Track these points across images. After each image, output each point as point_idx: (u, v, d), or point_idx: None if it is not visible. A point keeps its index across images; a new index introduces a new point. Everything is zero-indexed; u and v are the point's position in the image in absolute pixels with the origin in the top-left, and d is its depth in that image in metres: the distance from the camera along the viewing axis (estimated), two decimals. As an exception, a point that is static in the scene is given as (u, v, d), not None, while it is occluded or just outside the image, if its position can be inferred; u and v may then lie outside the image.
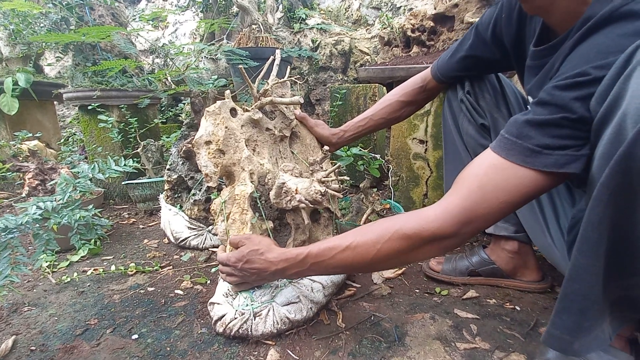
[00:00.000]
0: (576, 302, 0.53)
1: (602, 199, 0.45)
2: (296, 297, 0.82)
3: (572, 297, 0.53)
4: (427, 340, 0.78)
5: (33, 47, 2.27)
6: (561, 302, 0.55)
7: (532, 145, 0.53)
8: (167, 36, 3.74)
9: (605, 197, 0.45)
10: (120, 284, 1.08)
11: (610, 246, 0.47)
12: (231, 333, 0.78)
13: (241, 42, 2.00)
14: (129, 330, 0.85)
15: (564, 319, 0.55)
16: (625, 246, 0.47)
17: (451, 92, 1.01)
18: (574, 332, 0.54)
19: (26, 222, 0.65)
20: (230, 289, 0.84)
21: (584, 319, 0.53)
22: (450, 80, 0.98)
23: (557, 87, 0.52)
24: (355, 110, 1.83)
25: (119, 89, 1.84)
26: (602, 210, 0.46)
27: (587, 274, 0.51)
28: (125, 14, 2.08)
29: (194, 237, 1.33)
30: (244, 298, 0.82)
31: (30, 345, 0.81)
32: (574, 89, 0.50)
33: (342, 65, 2.67)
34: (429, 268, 1.07)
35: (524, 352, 0.73)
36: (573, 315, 0.53)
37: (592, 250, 0.49)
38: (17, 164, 1.44)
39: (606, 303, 0.52)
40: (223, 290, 0.86)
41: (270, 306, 0.80)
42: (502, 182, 0.55)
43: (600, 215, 0.47)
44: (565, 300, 0.54)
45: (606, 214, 0.46)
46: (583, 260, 0.50)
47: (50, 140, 2.48)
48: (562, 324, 0.55)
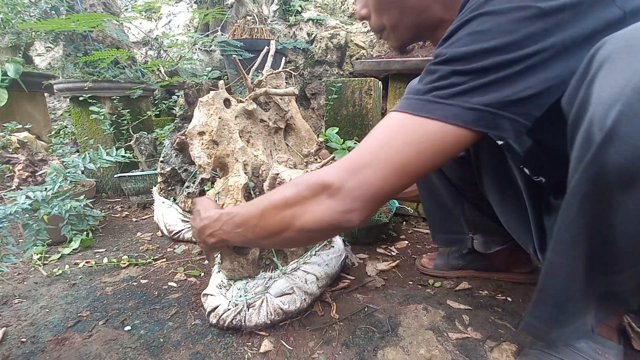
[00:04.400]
0: (552, 297, 0.54)
1: (573, 203, 0.45)
2: (290, 289, 0.82)
3: (548, 291, 0.54)
4: (420, 330, 0.79)
5: (22, 36, 2.22)
6: (538, 295, 0.56)
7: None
8: (160, 28, 3.68)
9: (577, 201, 0.45)
10: (113, 277, 1.07)
11: (589, 246, 0.47)
12: (224, 324, 0.78)
13: (236, 33, 1.97)
14: (122, 322, 0.85)
15: (540, 310, 0.56)
16: (605, 246, 0.47)
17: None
18: (550, 324, 0.56)
19: (15, 211, 0.64)
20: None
21: (559, 312, 0.54)
22: None
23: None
24: (351, 104, 1.83)
25: (111, 80, 1.81)
26: (574, 213, 0.46)
27: (561, 272, 0.51)
28: (117, 3, 2.04)
29: (188, 230, 1.32)
30: (237, 289, 0.81)
31: (20, 337, 0.80)
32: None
33: (338, 59, 2.65)
34: (421, 265, 1.08)
35: (515, 342, 0.74)
36: (549, 307, 0.55)
37: (565, 249, 0.49)
38: (7, 155, 1.41)
39: (591, 297, 0.53)
40: (217, 282, 0.86)
41: (263, 297, 0.80)
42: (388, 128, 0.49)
43: (572, 217, 0.47)
44: (542, 294, 0.55)
45: (579, 217, 0.46)
46: (557, 258, 0.51)
47: (41, 132, 2.44)
48: (539, 315, 0.56)
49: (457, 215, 0.94)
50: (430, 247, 1.26)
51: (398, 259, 1.14)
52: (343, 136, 1.60)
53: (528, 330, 0.59)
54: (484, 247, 0.95)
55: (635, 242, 0.44)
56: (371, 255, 1.18)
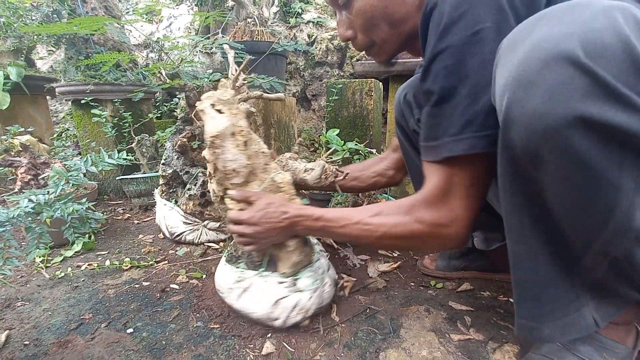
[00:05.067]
0: (526, 289, 0.55)
1: (505, 187, 0.50)
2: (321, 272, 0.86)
3: (521, 284, 0.55)
4: (422, 331, 0.79)
5: (24, 40, 2.23)
6: (515, 292, 0.57)
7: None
8: (161, 30, 3.70)
9: (507, 185, 0.49)
10: (115, 279, 1.08)
11: (539, 229, 0.49)
12: (312, 313, 0.82)
13: (236, 35, 1.98)
14: (124, 325, 0.85)
15: (522, 307, 0.56)
16: (552, 230, 0.48)
17: (399, 116, 0.94)
18: (537, 318, 0.55)
19: (18, 215, 0.64)
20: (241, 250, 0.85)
21: (540, 303, 0.54)
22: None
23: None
24: (352, 106, 1.83)
25: (112, 83, 1.82)
26: (509, 198, 0.50)
27: (525, 259, 0.53)
28: (119, 7, 2.05)
29: (190, 232, 1.32)
30: (307, 277, 0.83)
31: (23, 339, 0.80)
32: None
33: (339, 61, 2.66)
34: (423, 266, 1.08)
35: (517, 343, 0.74)
36: (528, 301, 0.55)
37: (518, 235, 0.52)
38: (9, 158, 1.42)
39: (578, 288, 0.52)
40: (273, 286, 0.82)
41: (325, 277, 0.86)
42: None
43: (509, 202, 0.51)
44: (518, 289, 0.56)
45: (514, 200, 0.50)
46: (515, 247, 0.53)
47: (43, 135, 2.45)
48: (523, 312, 0.56)
49: None
50: (432, 248, 1.26)
51: (399, 260, 1.14)
52: (344, 137, 1.60)
53: (521, 333, 0.57)
54: (484, 244, 0.95)
55: (572, 219, 0.47)
56: (372, 257, 1.17)
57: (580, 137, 0.40)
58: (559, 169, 0.43)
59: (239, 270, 0.85)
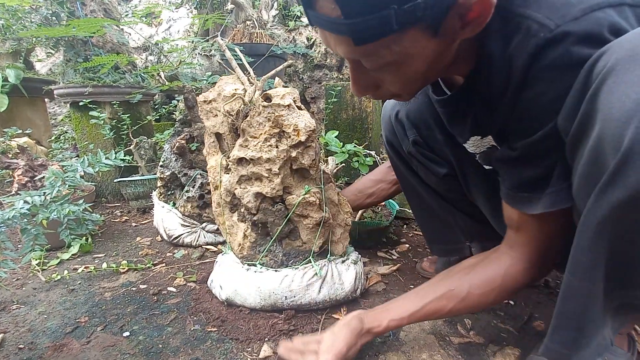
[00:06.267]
0: (572, 321, 0.52)
1: (589, 226, 0.44)
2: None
3: (568, 315, 0.52)
4: (422, 334, 0.78)
5: (23, 42, 2.23)
6: (557, 320, 0.54)
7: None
8: (160, 33, 3.70)
9: (593, 225, 0.43)
10: (112, 282, 1.07)
11: (608, 267, 0.46)
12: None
13: (235, 38, 1.98)
14: (120, 328, 0.84)
15: (561, 334, 0.54)
16: (626, 265, 0.45)
17: (390, 135, 0.88)
18: (572, 347, 0.53)
19: (13, 216, 0.64)
20: None
21: (581, 335, 0.52)
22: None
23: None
24: (350, 108, 1.83)
25: (111, 85, 1.81)
26: (591, 238, 0.45)
27: (581, 295, 0.50)
28: (118, 9, 2.05)
29: (188, 235, 1.31)
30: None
31: (18, 343, 0.79)
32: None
33: (337, 63, 2.66)
34: (422, 269, 1.07)
35: (517, 346, 0.73)
36: (570, 332, 0.53)
37: (584, 273, 0.48)
38: (6, 160, 1.41)
39: (608, 312, 0.51)
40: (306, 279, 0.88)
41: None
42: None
43: (589, 241, 0.45)
44: (561, 319, 0.53)
45: (597, 240, 0.44)
46: (576, 282, 0.49)
47: (41, 137, 2.44)
48: (560, 340, 0.54)
49: (451, 225, 0.93)
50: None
51: (399, 263, 1.13)
52: (343, 140, 1.60)
53: (549, 355, 0.56)
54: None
55: None
56: (372, 259, 1.17)
57: None
58: None
59: (311, 266, 0.87)
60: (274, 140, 0.82)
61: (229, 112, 0.88)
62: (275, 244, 0.89)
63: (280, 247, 0.89)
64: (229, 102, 0.88)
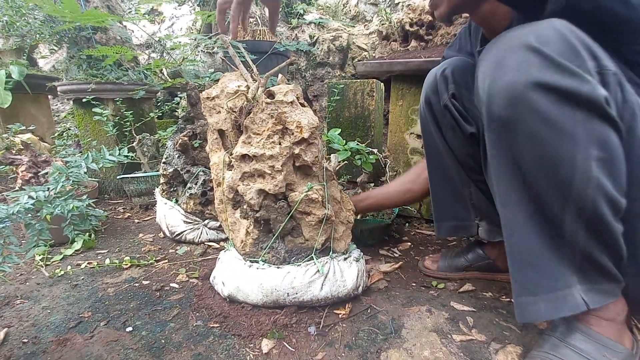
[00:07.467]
0: (522, 255, 0.59)
1: (490, 159, 0.59)
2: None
3: (516, 250, 0.60)
4: (424, 332, 0.78)
5: (27, 39, 2.23)
6: (510, 264, 0.61)
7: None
8: (163, 31, 3.70)
9: (492, 155, 0.59)
10: (115, 278, 1.07)
11: (525, 194, 0.56)
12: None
13: (238, 35, 1.98)
14: (123, 323, 0.84)
15: (518, 279, 0.60)
16: (535, 195, 0.56)
17: (431, 92, 0.91)
18: (531, 289, 0.58)
19: (17, 211, 0.64)
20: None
21: (532, 272, 0.58)
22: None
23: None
24: (353, 106, 1.82)
25: (114, 82, 1.82)
26: (495, 167, 0.59)
27: (517, 225, 0.58)
28: (121, 6, 2.05)
29: (190, 231, 1.32)
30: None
31: (22, 337, 0.80)
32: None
33: (340, 61, 2.66)
34: (424, 267, 1.07)
35: (520, 344, 0.73)
36: (524, 270, 0.59)
37: (507, 200, 0.58)
38: (10, 156, 1.42)
39: (565, 261, 0.57)
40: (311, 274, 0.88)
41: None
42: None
43: (494, 171, 0.59)
44: (512, 258, 0.61)
45: (500, 166, 0.58)
46: (506, 212, 0.59)
47: (45, 134, 2.45)
48: (520, 286, 0.60)
49: (464, 199, 0.95)
50: (433, 249, 1.25)
51: (401, 261, 1.13)
52: (345, 137, 1.59)
53: (520, 315, 0.60)
54: (488, 235, 0.95)
55: (545, 175, 0.53)
56: (374, 257, 1.17)
57: (540, 97, 0.51)
58: (528, 128, 0.53)
59: (313, 263, 0.87)
60: (277, 137, 0.82)
61: (232, 109, 0.88)
62: (277, 241, 0.89)
63: (282, 244, 0.89)
64: (232, 98, 0.88)
